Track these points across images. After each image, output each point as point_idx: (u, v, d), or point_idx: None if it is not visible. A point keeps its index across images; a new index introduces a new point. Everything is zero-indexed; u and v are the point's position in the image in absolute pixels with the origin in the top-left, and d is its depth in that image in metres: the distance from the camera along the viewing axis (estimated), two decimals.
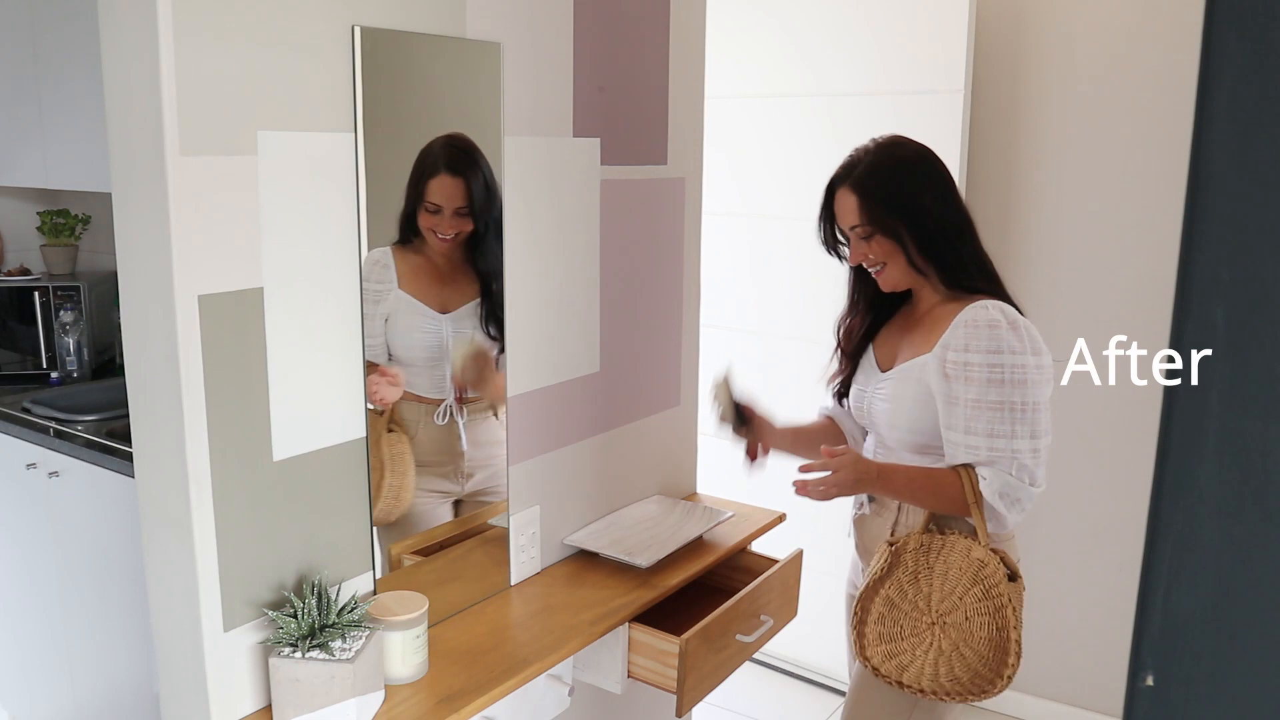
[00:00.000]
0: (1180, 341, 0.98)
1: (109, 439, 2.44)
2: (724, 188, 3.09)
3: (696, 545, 2.10)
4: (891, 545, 1.68)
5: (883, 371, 1.80)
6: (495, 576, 1.89)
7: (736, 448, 1.98)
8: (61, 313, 2.98)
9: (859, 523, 1.87)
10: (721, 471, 2.68)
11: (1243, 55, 0.93)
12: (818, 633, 2.90)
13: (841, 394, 1.91)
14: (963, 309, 1.67)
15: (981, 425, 1.62)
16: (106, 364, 3.15)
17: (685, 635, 1.77)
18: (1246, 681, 1.01)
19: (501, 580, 1.90)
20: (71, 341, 2.99)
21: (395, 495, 1.72)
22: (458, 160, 1.72)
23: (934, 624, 1.64)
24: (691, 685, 1.81)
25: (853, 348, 1.87)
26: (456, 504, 1.88)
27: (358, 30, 1.49)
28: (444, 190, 1.70)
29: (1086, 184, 2.76)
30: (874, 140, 1.76)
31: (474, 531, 1.88)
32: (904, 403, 1.72)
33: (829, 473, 1.63)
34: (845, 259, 1.81)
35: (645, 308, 2.19)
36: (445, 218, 1.72)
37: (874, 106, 2.82)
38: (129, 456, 1.86)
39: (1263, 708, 1.01)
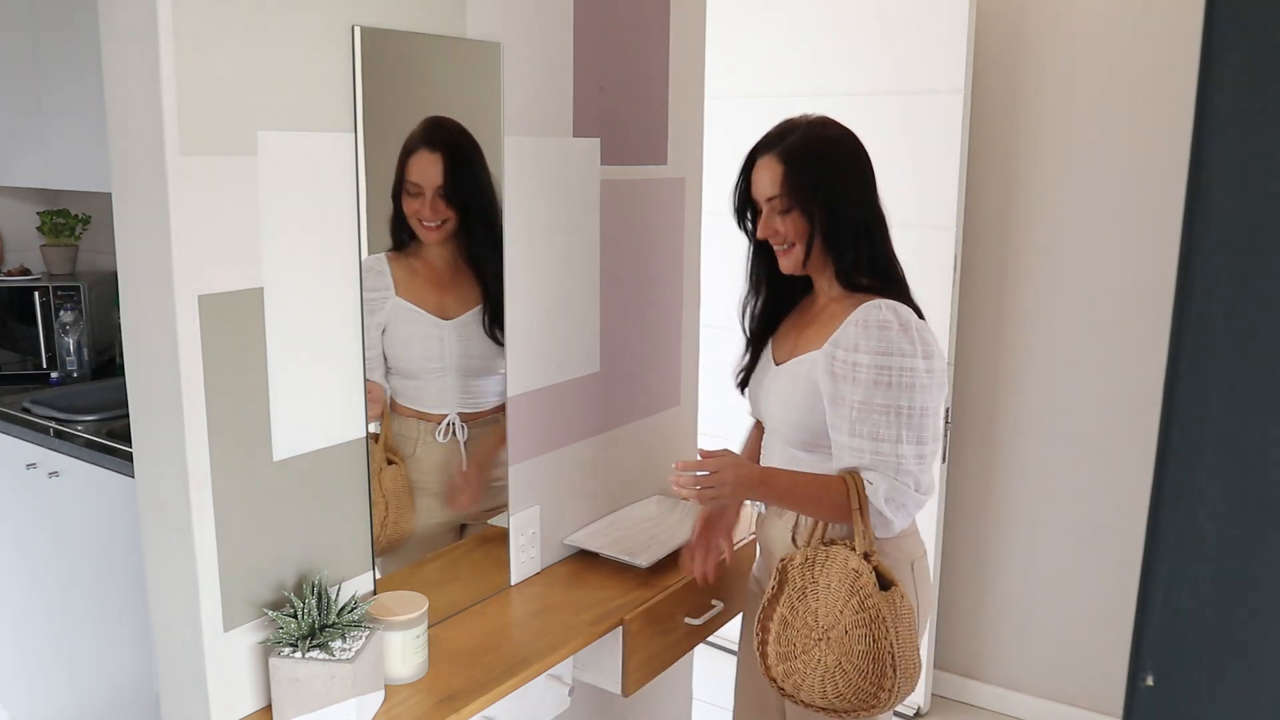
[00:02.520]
0: (1180, 342, 0.98)
1: (109, 439, 2.44)
2: (724, 188, 3.08)
3: None
4: (780, 563, 1.65)
5: (776, 365, 1.75)
6: (495, 576, 1.89)
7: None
8: (61, 313, 2.98)
9: (759, 523, 1.84)
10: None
11: (1243, 55, 0.93)
12: None
13: (743, 384, 1.86)
14: (856, 308, 1.62)
15: (866, 428, 1.58)
16: (106, 364, 3.15)
17: (627, 616, 1.79)
18: (1246, 681, 1.01)
19: (501, 580, 1.90)
20: (71, 341, 2.99)
21: (396, 528, 1.71)
22: (435, 135, 1.66)
23: (820, 640, 1.59)
24: (636, 665, 1.83)
25: (753, 334, 1.82)
26: (462, 527, 1.87)
27: (358, 30, 1.50)
28: (422, 167, 1.64)
29: (1086, 184, 2.76)
30: (804, 116, 1.69)
31: (474, 531, 1.88)
32: (794, 398, 1.68)
33: (705, 473, 1.58)
34: (751, 234, 1.76)
35: (645, 308, 2.19)
36: (427, 201, 1.65)
37: (874, 106, 2.82)
38: (129, 456, 1.86)
39: (1262, 707, 1.01)
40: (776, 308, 1.81)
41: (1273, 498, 0.97)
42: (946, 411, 2.83)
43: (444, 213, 1.69)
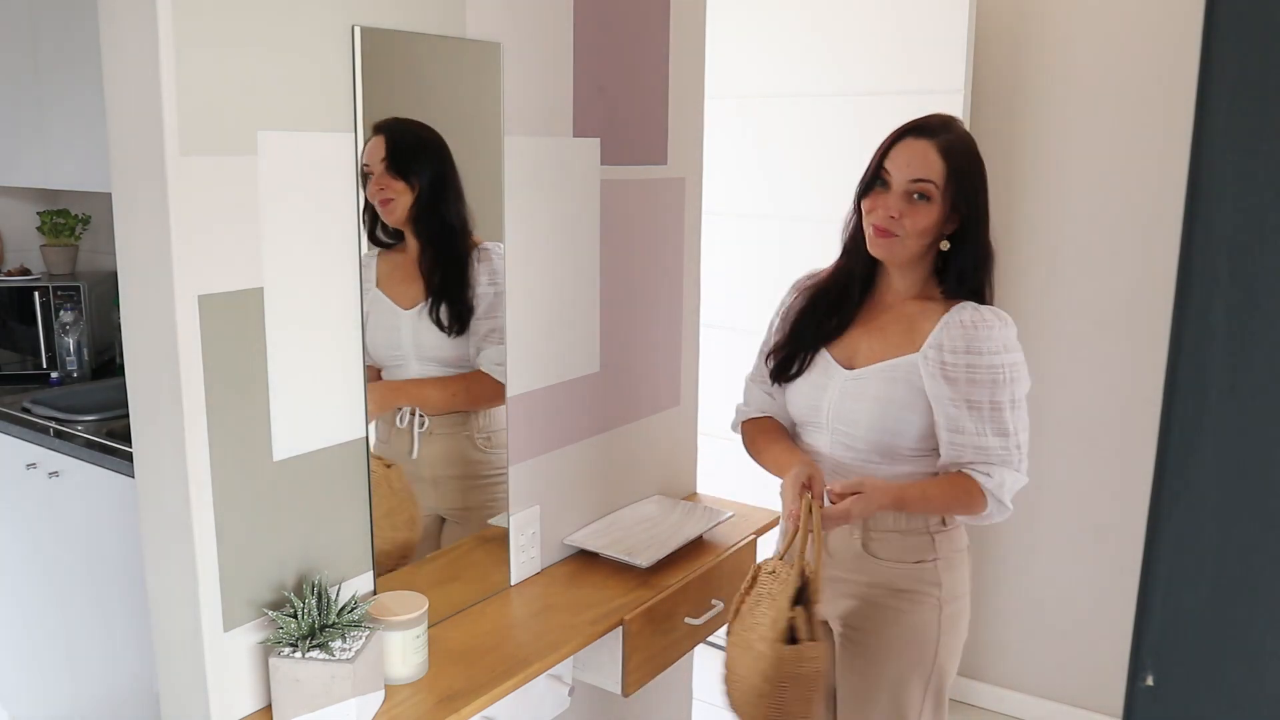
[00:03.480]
0: (1180, 341, 0.98)
1: (109, 439, 2.44)
2: (724, 188, 3.09)
3: (696, 545, 2.10)
4: (756, 567, 1.66)
5: (850, 370, 1.71)
6: (495, 576, 1.90)
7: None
8: (61, 313, 2.98)
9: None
10: (721, 471, 2.67)
11: (1243, 55, 0.93)
12: None
13: (778, 375, 1.80)
14: (945, 311, 1.66)
15: (993, 426, 1.62)
16: (106, 364, 3.15)
17: (628, 616, 1.79)
18: (1245, 681, 1.01)
19: (501, 580, 1.90)
20: (71, 341, 2.99)
21: (407, 526, 1.71)
22: (381, 124, 1.64)
23: (748, 649, 1.60)
24: (636, 665, 1.83)
25: (812, 328, 1.76)
26: (441, 521, 1.87)
27: (358, 30, 1.50)
28: (369, 150, 1.63)
29: (1086, 184, 2.76)
30: (949, 115, 1.71)
31: (471, 531, 1.88)
32: (891, 405, 1.66)
33: (836, 509, 1.59)
34: (851, 222, 1.73)
35: (645, 308, 2.19)
36: (375, 180, 1.64)
37: (874, 107, 2.82)
38: (129, 456, 1.86)
39: (1262, 707, 1.01)
40: (846, 309, 1.76)
41: (1273, 498, 0.97)
42: None
43: (391, 186, 1.67)
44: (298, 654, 1.42)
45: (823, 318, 1.77)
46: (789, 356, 1.78)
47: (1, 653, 2.85)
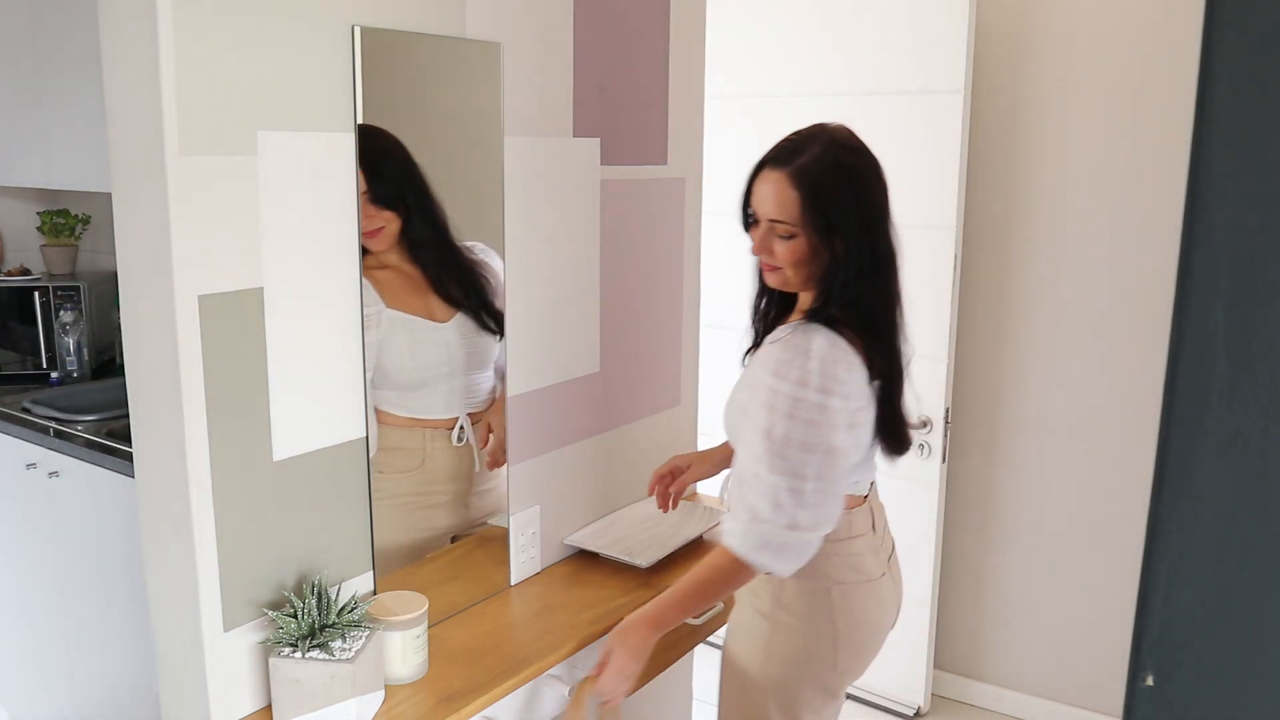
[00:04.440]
0: (1180, 341, 0.98)
1: (109, 439, 2.44)
2: (724, 188, 3.08)
3: (696, 545, 2.10)
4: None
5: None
6: (495, 576, 1.89)
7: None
8: (61, 313, 2.98)
9: None
10: (721, 471, 2.67)
11: (1243, 55, 0.93)
12: None
13: None
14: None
15: (746, 455, 1.52)
16: (106, 364, 3.15)
17: (626, 618, 1.78)
18: (1246, 681, 1.01)
19: (501, 580, 1.90)
20: (71, 341, 2.99)
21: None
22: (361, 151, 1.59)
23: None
24: None
25: (758, 334, 1.71)
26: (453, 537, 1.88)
27: (358, 30, 1.49)
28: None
29: (1086, 184, 2.76)
30: (821, 128, 1.54)
31: (473, 528, 1.88)
32: (734, 412, 1.61)
33: (607, 681, 1.55)
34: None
35: (645, 308, 2.19)
36: (363, 210, 1.58)
37: (874, 106, 2.82)
38: (129, 456, 1.85)
39: (1262, 707, 1.01)
40: (783, 308, 1.70)
41: (1273, 498, 0.97)
42: (946, 411, 2.83)
43: (380, 218, 1.62)
44: (298, 654, 1.42)
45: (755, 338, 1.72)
46: None
47: (2, 653, 2.85)
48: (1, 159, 2.91)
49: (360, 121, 1.51)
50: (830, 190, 1.48)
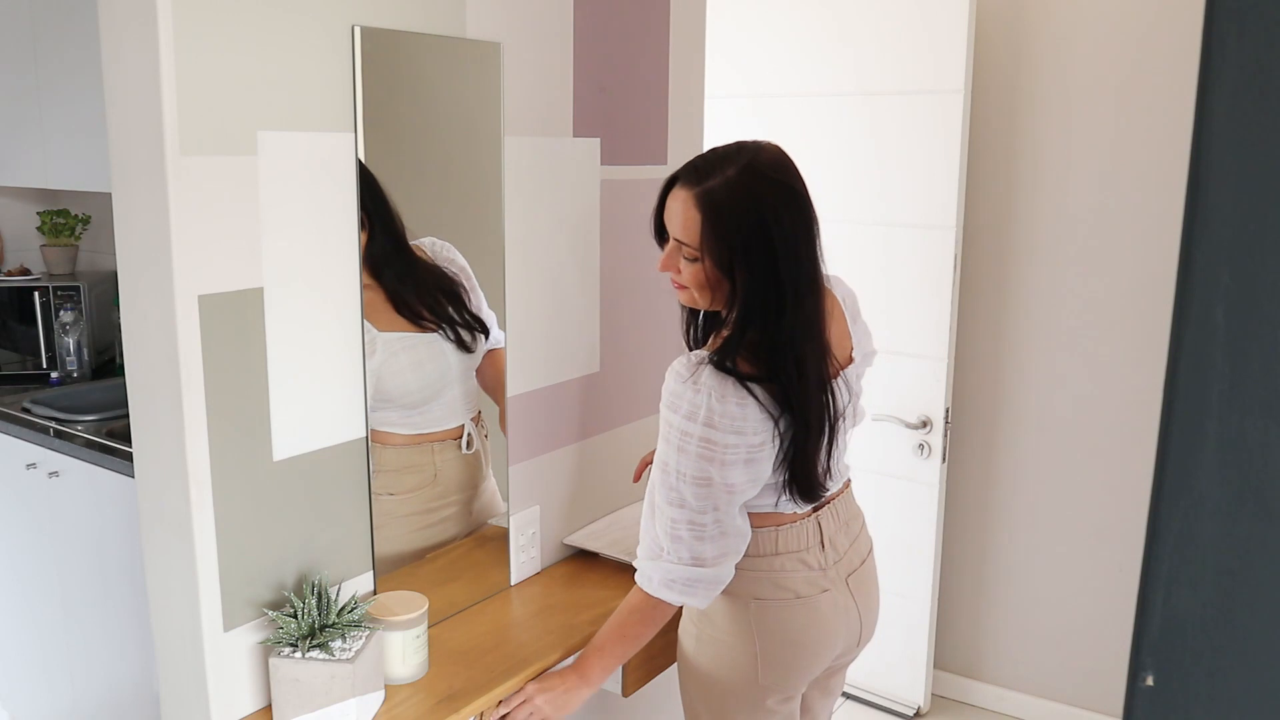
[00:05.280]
0: (1180, 341, 0.98)
1: (109, 439, 2.44)
2: None
3: None
4: None
5: None
6: (495, 576, 1.89)
7: None
8: (61, 313, 2.98)
9: None
10: None
11: (1243, 55, 0.93)
12: None
13: None
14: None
15: (652, 494, 1.51)
16: (106, 364, 3.15)
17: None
18: (1246, 681, 1.01)
19: (501, 580, 1.90)
20: (71, 341, 2.99)
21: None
22: None
23: None
24: (636, 665, 1.83)
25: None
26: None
27: (358, 30, 1.50)
28: None
29: (1086, 184, 2.76)
30: (742, 146, 1.45)
31: (474, 531, 1.88)
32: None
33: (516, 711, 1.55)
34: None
35: (645, 308, 2.19)
36: None
37: (874, 106, 2.82)
38: (129, 456, 1.86)
39: (1262, 707, 1.01)
40: (709, 328, 1.64)
41: (1273, 498, 0.97)
42: (946, 411, 2.83)
43: None
44: (298, 654, 1.42)
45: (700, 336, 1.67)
46: None
47: (2, 653, 2.85)
48: (1, 159, 2.91)
49: (361, 122, 1.51)
50: (734, 219, 1.40)
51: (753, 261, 1.40)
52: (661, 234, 1.53)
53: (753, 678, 1.59)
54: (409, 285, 1.66)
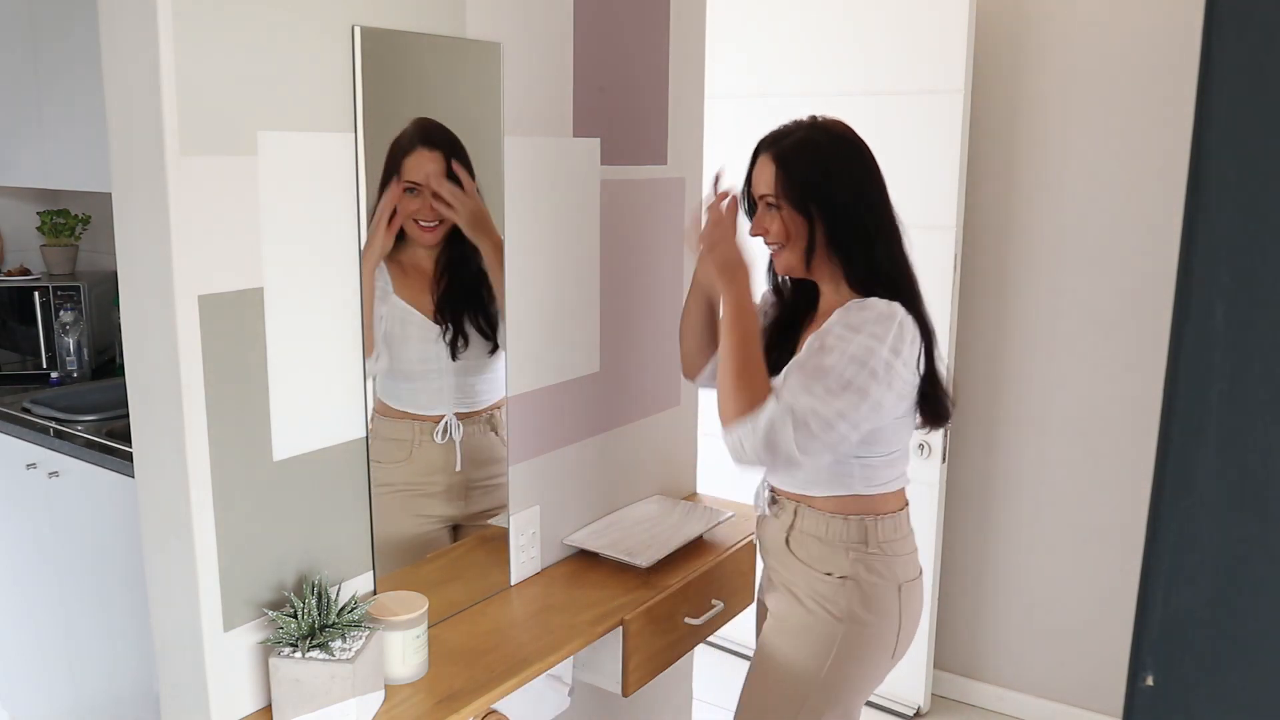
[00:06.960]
0: (1180, 341, 0.98)
1: (109, 439, 2.44)
2: None
3: (696, 545, 2.10)
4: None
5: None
6: (495, 576, 1.89)
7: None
8: (61, 313, 2.98)
9: (759, 524, 1.83)
10: (721, 471, 2.67)
11: (1243, 55, 0.93)
12: None
13: None
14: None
15: (807, 372, 1.56)
16: (106, 364, 3.15)
17: (627, 616, 1.80)
18: (1246, 681, 1.01)
19: (501, 580, 1.90)
20: (71, 341, 2.99)
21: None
22: (432, 134, 1.65)
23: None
24: (636, 665, 1.83)
25: (767, 354, 1.71)
26: (455, 528, 1.87)
27: (358, 30, 1.49)
28: (421, 165, 1.63)
29: (1086, 184, 2.76)
30: (813, 117, 1.70)
31: (474, 531, 1.88)
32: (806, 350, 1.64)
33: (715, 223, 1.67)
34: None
35: (645, 308, 2.19)
36: (426, 200, 1.64)
37: (874, 106, 2.82)
38: (129, 456, 1.85)
39: (1263, 707, 1.01)
40: (791, 324, 1.77)
41: (1273, 498, 0.97)
42: None
43: (442, 213, 1.69)
44: (298, 654, 1.42)
45: (780, 351, 1.74)
46: None
47: (2, 653, 2.85)
48: (1, 159, 2.91)
49: (361, 122, 1.51)
50: (801, 163, 1.64)
51: (822, 197, 1.63)
52: (752, 209, 1.74)
53: (887, 662, 1.72)
54: (444, 282, 1.75)
